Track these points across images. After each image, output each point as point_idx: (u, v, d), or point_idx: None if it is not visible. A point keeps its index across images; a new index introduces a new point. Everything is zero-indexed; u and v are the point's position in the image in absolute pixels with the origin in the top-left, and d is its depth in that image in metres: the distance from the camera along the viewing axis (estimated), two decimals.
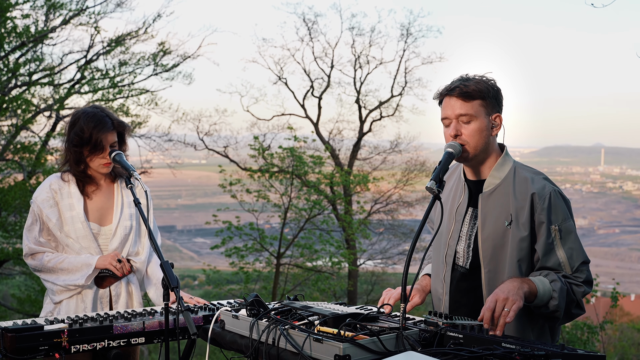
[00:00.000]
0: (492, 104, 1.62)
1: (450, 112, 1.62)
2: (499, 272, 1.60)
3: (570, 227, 1.59)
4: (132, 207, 2.13)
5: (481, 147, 1.62)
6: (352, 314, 1.47)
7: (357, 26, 15.58)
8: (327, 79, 12.90)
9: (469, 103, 1.60)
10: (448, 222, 1.72)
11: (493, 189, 1.64)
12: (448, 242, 1.71)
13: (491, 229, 1.61)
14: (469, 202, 1.69)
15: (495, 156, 1.67)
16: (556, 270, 1.59)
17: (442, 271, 1.72)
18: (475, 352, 1.26)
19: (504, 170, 1.64)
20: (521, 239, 1.58)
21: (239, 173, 10.56)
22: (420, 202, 12.89)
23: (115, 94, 8.95)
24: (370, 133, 13.10)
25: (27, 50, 8.19)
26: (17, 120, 7.85)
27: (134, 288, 2.14)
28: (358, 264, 11.76)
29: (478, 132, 1.61)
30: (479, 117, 1.61)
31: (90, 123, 2.02)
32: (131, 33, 9.02)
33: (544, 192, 1.58)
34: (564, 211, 1.59)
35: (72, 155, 2.06)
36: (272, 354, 1.42)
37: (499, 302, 1.45)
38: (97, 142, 2.02)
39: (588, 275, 1.60)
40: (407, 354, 1.25)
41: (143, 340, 1.76)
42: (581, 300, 1.59)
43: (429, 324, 1.49)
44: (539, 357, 1.20)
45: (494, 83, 1.64)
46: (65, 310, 2.05)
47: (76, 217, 2.06)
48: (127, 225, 2.12)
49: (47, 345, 1.60)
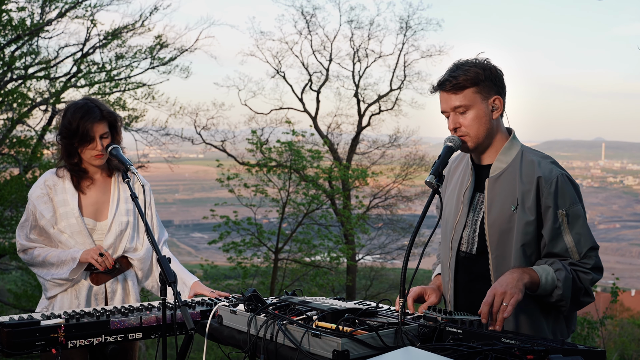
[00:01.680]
0: (487, 87, 1.58)
1: (445, 106, 1.61)
2: (506, 258, 1.57)
3: (578, 211, 1.55)
4: (130, 202, 2.11)
5: (483, 134, 1.60)
6: (350, 309, 1.46)
7: (356, 19, 15.52)
8: (325, 72, 12.87)
9: (460, 94, 1.57)
10: (455, 207, 1.69)
11: (500, 174, 1.61)
12: (455, 227, 1.68)
13: (497, 214, 1.58)
14: (475, 187, 1.66)
15: (502, 140, 1.63)
16: (563, 257, 1.55)
17: (447, 257, 1.70)
18: (475, 347, 1.25)
19: (510, 155, 1.61)
20: (527, 223, 1.54)
21: (237, 167, 10.54)
22: (420, 196, 12.89)
23: (111, 87, 8.90)
24: (369, 127, 13.09)
25: (22, 43, 8.11)
26: (13, 114, 7.79)
27: (131, 285, 2.12)
28: (357, 259, 11.80)
29: (476, 120, 1.58)
30: (475, 104, 1.58)
31: (77, 114, 2.00)
32: (128, 26, 8.95)
33: (551, 176, 1.55)
34: (571, 195, 1.55)
35: (64, 148, 2.04)
36: (270, 349, 1.41)
37: (497, 297, 1.43)
38: (85, 132, 1.99)
39: (597, 261, 1.56)
40: (405, 350, 1.24)
41: (140, 335, 1.75)
42: (589, 288, 1.55)
43: (428, 319, 1.49)
44: (538, 352, 1.19)
45: (488, 64, 1.59)
46: (59, 306, 2.04)
47: (70, 213, 2.03)
48: (124, 220, 2.09)
49: (44, 341, 1.59)
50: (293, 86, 12.92)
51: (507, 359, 1.20)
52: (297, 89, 12.97)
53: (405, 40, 12.97)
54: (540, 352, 1.19)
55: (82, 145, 2.01)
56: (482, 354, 1.22)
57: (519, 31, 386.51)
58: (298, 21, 18.00)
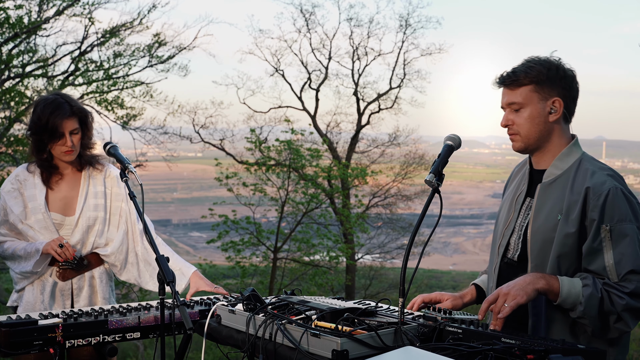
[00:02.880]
0: (548, 87, 1.49)
1: (502, 102, 1.55)
2: (544, 268, 1.48)
3: (627, 230, 1.41)
4: (100, 198, 2.08)
5: (535, 136, 1.52)
6: (350, 308, 1.45)
7: (355, 17, 15.44)
8: (324, 70, 12.83)
9: (517, 90, 1.50)
10: (507, 212, 1.62)
11: (552, 180, 1.52)
12: (503, 232, 1.61)
13: (542, 222, 1.50)
14: (527, 192, 1.59)
15: (561, 145, 1.53)
16: (600, 276, 1.43)
17: (493, 263, 1.63)
18: (475, 347, 1.25)
19: (567, 162, 1.51)
20: (566, 235, 1.45)
21: (236, 166, 10.52)
22: (419, 195, 12.87)
23: (109, 85, 8.87)
24: (369, 126, 13.06)
25: (20, 41, 8.08)
26: (11, 112, 7.76)
27: (98, 283, 2.09)
28: (356, 259, 11.78)
29: (529, 119, 1.50)
30: (530, 103, 1.49)
31: (47, 109, 1.96)
32: (126, 24, 8.92)
33: (602, 188, 1.43)
34: (622, 212, 1.42)
35: (33, 144, 2.02)
36: (269, 349, 1.40)
37: (500, 297, 1.40)
38: (54, 128, 1.95)
39: (638, 287, 1.39)
40: (405, 349, 1.24)
41: (138, 335, 1.75)
42: (624, 315, 1.39)
43: (427, 318, 1.48)
44: (538, 352, 1.19)
45: (556, 64, 1.50)
46: (25, 300, 2.04)
47: (37, 208, 2.02)
48: (91, 216, 2.07)
49: (42, 340, 1.58)
50: (292, 84, 12.92)
51: (507, 358, 1.19)
52: (296, 88, 12.95)
53: (405, 38, 12.95)
54: (541, 351, 1.19)
55: (51, 141, 1.99)
56: (482, 353, 1.22)
57: (520, 29, 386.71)
58: (297, 19, 17.93)
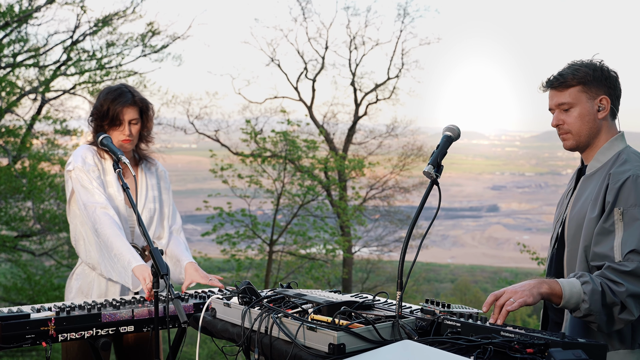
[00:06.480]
0: (595, 87, 1.61)
1: (551, 103, 1.66)
2: (575, 256, 1.57)
3: (639, 214, 1.44)
4: (155, 190, 2.15)
5: (586, 133, 1.62)
6: (346, 302, 1.44)
7: (353, 6, 15.36)
8: (321, 60, 12.72)
9: (566, 91, 1.62)
10: (561, 206, 1.73)
11: (593, 173, 1.62)
12: (555, 225, 1.73)
13: (578, 210, 1.59)
14: (574, 187, 1.70)
15: (606, 141, 1.64)
16: (605, 258, 1.46)
17: (549, 254, 1.73)
18: (474, 340, 1.24)
19: (607, 155, 1.61)
20: (590, 220, 1.53)
21: (231, 158, 10.45)
22: (417, 187, 12.84)
23: (102, 75, 8.75)
24: (366, 116, 13.00)
25: (11, 30, 7.94)
26: (2, 102, 7.65)
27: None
28: (353, 252, 11.78)
29: (579, 118, 1.61)
30: (579, 103, 1.61)
31: (109, 96, 2.03)
32: (118, 13, 8.78)
33: (622, 174, 1.51)
34: (637, 197, 1.46)
35: (94, 129, 2.06)
36: (264, 342, 1.39)
37: (506, 293, 1.42)
38: (114, 115, 2.01)
39: (638, 267, 1.40)
40: (403, 343, 1.23)
41: (132, 328, 1.73)
42: (628, 301, 1.41)
43: (425, 312, 1.47)
44: (538, 345, 1.18)
45: (600, 65, 1.63)
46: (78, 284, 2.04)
47: (115, 195, 2.03)
48: (151, 207, 2.13)
49: (34, 334, 1.57)
50: (288, 75, 12.81)
51: (507, 352, 1.18)
52: (292, 78, 12.88)
53: (403, 27, 12.84)
54: (540, 345, 1.18)
55: (111, 127, 2.03)
56: (481, 347, 1.21)
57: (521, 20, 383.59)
58: (293, 8, 17.76)
